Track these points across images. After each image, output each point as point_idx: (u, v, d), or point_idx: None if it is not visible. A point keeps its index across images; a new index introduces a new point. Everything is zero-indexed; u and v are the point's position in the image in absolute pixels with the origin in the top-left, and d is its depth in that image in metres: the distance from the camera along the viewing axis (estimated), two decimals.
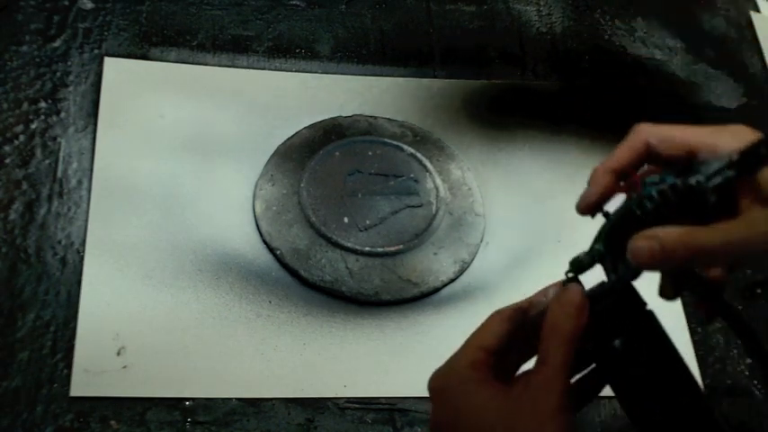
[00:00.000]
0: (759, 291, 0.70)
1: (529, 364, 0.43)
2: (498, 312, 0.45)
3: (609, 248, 0.44)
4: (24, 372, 0.54)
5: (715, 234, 0.40)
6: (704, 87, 0.82)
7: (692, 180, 0.41)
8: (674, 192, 0.42)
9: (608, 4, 0.86)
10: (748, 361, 0.66)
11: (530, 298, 0.45)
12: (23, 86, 0.65)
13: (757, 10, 0.90)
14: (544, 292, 0.45)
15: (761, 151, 0.40)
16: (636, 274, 0.44)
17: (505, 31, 0.81)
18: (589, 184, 0.45)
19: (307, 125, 0.69)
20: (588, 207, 0.45)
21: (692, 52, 0.85)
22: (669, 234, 0.41)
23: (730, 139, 0.42)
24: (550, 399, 0.40)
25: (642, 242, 0.41)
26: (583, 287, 0.43)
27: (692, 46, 0.85)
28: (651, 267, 0.42)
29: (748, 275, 0.71)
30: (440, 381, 0.44)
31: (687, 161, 0.43)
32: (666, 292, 0.46)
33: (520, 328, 0.44)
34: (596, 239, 0.45)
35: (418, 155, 0.69)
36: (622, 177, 0.44)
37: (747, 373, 0.66)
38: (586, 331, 0.43)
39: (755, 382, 0.65)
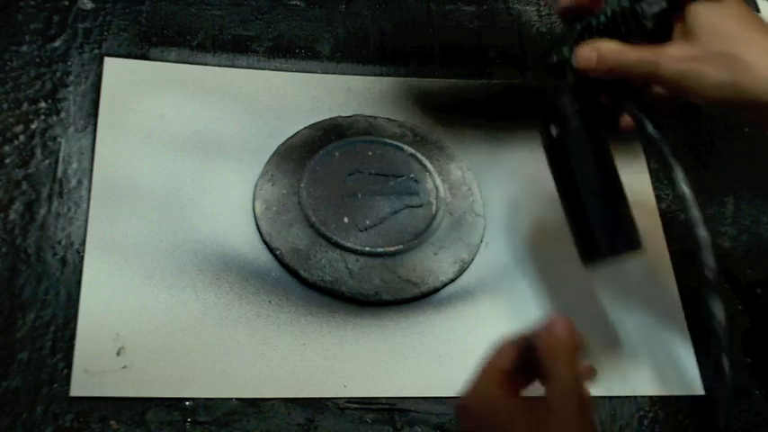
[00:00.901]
0: (759, 291, 0.70)
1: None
2: (507, 343, 0.49)
3: (572, 53, 0.53)
4: (24, 372, 0.54)
5: (636, 53, 0.49)
6: None
7: (637, 6, 0.49)
8: (623, 14, 0.50)
9: None
10: (748, 361, 0.66)
11: (531, 332, 0.48)
12: (23, 86, 0.65)
13: (757, 10, 0.90)
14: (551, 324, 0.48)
15: None
16: (583, 79, 0.52)
17: (505, 31, 0.80)
18: None
19: (307, 125, 0.69)
20: (565, 10, 0.54)
21: None
22: (606, 45, 0.50)
23: None
24: (570, 406, 0.44)
25: (585, 48, 0.51)
26: (568, 319, 0.47)
27: None
28: (588, 71, 0.51)
29: (748, 275, 0.71)
30: (470, 401, 0.47)
31: None
32: (604, 99, 0.54)
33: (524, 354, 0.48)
34: (563, 43, 0.54)
35: (418, 155, 0.69)
36: None
37: (747, 373, 0.66)
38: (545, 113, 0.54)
39: (755, 382, 0.65)
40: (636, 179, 0.73)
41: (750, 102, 0.47)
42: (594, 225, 0.53)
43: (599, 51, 0.50)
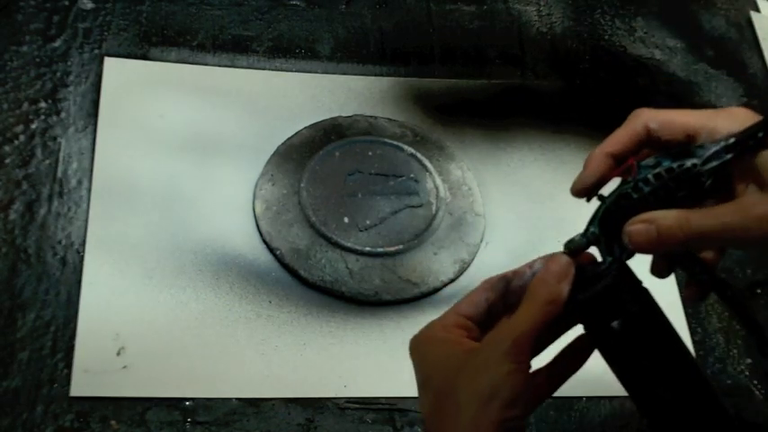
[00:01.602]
0: (759, 291, 0.70)
1: None
2: (486, 281, 0.45)
3: (604, 231, 0.45)
4: (24, 372, 0.54)
5: (710, 218, 0.41)
6: (704, 87, 0.82)
7: (688, 163, 0.42)
8: (670, 175, 0.42)
9: (608, 4, 0.86)
10: (748, 361, 0.66)
11: (516, 269, 0.46)
12: (23, 86, 0.65)
13: (757, 10, 0.90)
14: (530, 264, 0.45)
15: (758, 134, 0.40)
16: (630, 256, 0.44)
17: (505, 31, 0.81)
18: (585, 166, 0.45)
19: (307, 125, 0.69)
20: (583, 189, 0.46)
21: (691, 52, 0.85)
22: (665, 217, 0.41)
23: (729, 121, 0.41)
24: (499, 350, 0.40)
25: (639, 226, 0.42)
26: (571, 258, 0.43)
27: (692, 46, 0.85)
28: (648, 250, 0.43)
29: (748, 275, 0.71)
30: (414, 341, 0.45)
31: (686, 145, 0.42)
32: (659, 270, 0.47)
33: (502, 296, 0.45)
34: (591, 222, 0.45)
35: (418, 155, 0.69)
36: (619, 162, 0.44)
37: (747, 373, 0.66)
38: (585, 313, 0.44)
39: (755, 382, 0.65)
40: None
41: None
42: (680, 417, 0.45)
43: (658, 225, 0.42)
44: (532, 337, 0.41)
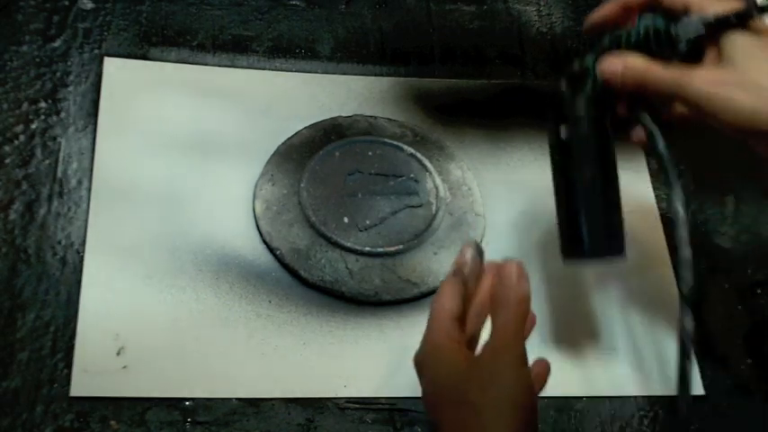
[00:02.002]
0: (759, 291, 0.70)
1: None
2: (448, 282, 0.49)
3: (596, 64, 0.53)
4: (24, 372, 0.54)
5: (666, 71, 0.50)
6: None
7: (673, 29, 0.50)
8: (656, 34, 0.51)
9: None
10: (748, 361, 0.66)
11: (454, 263, 0.50)
12: (23, 86, 0.65)
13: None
14: (462, 253, 0.50)
15: (731, 19, 0.48)
16: (599, 87, 0.54)
17: (505, 31, 0.81)
18: (599, 8, 0.54)
19: (307, 125, 0.69)
20: (593, 26, 0.55)
21: None
22: (634, 59, 0.51)
23: (722, 6, 0.49)
24: (509, 358, 0.45)
25: (612, 59, 0.52)
26: (520, 266, 0.49)
27: None
28: (612, 82, 0.52)
29: (748, 275, 0.71)
30: (420, 356, 0.48)
31: (681, 13, 0.50)
32: (622, 113, 0.55)
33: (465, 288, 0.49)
34: (589, 54, 0.55)
35: (418, 155, 0.69)
36: (626, 13, 0.54)
37: (747, 373, 0.66)
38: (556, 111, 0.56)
39: (756, 382, 0.65)
40: (636, 179, 0.73)
41: None
42: (584, 225, 0.55)
43: (626, 63, 0.51)
44: (521, 339, 0.47)
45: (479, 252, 0.50)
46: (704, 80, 0.49)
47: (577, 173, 0.55)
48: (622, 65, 0.52)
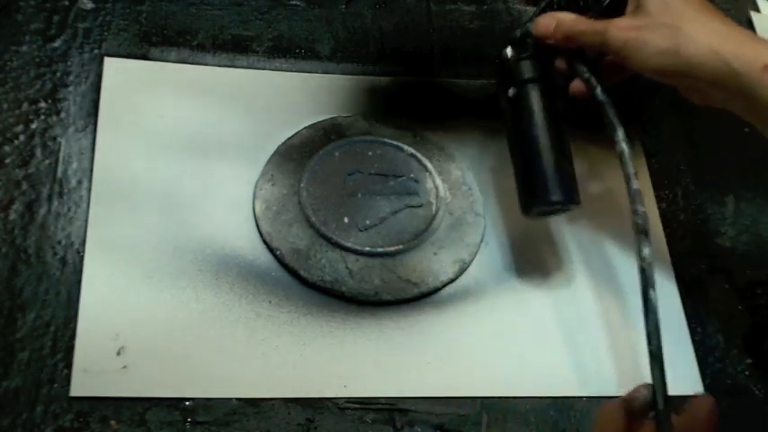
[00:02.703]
0: (759, 291, 0.70)
1: None
2: (607, 411, 0.51)
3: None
4: (24, 372, 0.54)
5: (590, 24, 0.57)
6: None
7: None
8: None
9: None
10: (748, 361, 0.66)
11: (629, 394, 0.51)
12: (23, 86, 0.65)
13: (757, 10, 0.90)
14: (641, 387, 0.52)
15: None
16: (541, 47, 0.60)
17: (505, 31, 0.80)
18: None
19: (307, 125, 0.69)
20: None
21: None
22: (565, 17, 0.58)
23: None
24: None
25: (545, 18, 0.59)
26: (714, 399, 0.50)
27: None
28: (545, 38, 0.59)
29: (748, 275, 0.71)
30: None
31: None
32: (561, 70, 0.61)
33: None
34: (529, 20, 0.62)
35: (418, 155, 0.69)
36: None
37: (747, 373, 0.66)
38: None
39: (755, 382, 0.65)
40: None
41: (688, 70, 0.53)
42: (538, 176, 0.60)
43: (557, 20, 0.58)
44: None
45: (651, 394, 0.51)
46: (621, 27, 0.55)
47: (528, 130, 0.60)
48: (554, 21, 0.58)
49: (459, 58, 0.77)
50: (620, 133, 0.56)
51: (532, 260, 0.67)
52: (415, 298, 0.63)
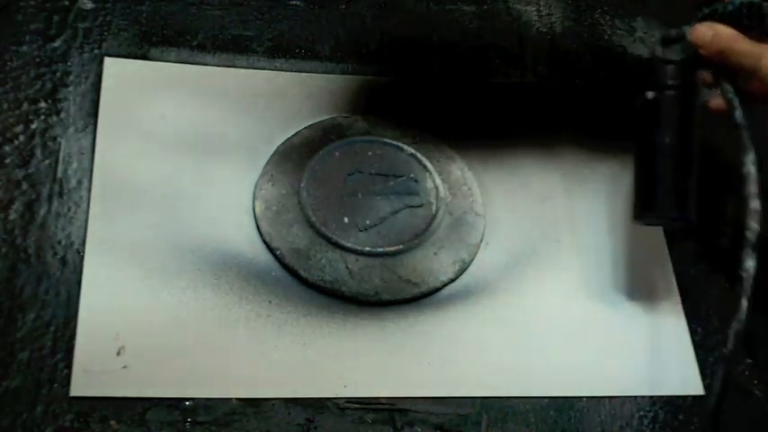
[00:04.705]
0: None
1: None
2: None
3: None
4: (24, 372, 0.54)
5: (749, 44, 0.55)
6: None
7: (765, 6, 0.55)
8: (749, 8, 0.56)
9: (608, 4, 0.86)
10: (748, 361, 0.66)
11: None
12: (23, 86, 0.65)
13: None
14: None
15: None
16: (688, 52, 0.59)
17: (505, 31, 0.80)
18: None
19: (307, 125, 0.69)
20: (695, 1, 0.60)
21: None
22: (723, 29, 0.56)
23: None
24: None
25: (703, 27, 0.58)
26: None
27: None
28: (700, 45, 0.57)
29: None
30: None
31: None
32: (706, 77, 0.59)
33: None
34: (687, 24, 0.60)
35: (418, 155, 0.69)
36: None
37: (747, 373, 0.66)
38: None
39: (755, 382, 0.65)
40: None
41: None
42: (659, 186, 0.59)
43: (715, 31, 0.57)
44: None
45: None
46: None
47: (659, 136, 0.59)
48: (712, 32, 0.56)
49: (459, 58, 0.77)
50: (751, 156, 0.56)
51: (532, 260, 0.67)
52: (415, 298, 0.63)
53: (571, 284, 0.66)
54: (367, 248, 0.63)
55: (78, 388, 0.54)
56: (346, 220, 0.64)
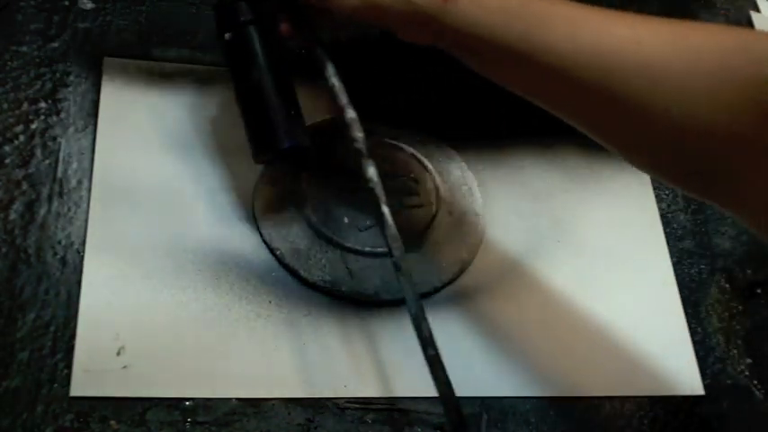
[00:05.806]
0: (759, 291, 0.70)
1: None
2: None
3: None
4: (24, 372, 0.54)
5: None
6: None
7: None
8: None
9: (608, 4, 0.86)
10: (748, 361, 0.66)
11: None
12: (23, 86, 0.65)
13: (757, 10, 0.90)
14: None
15: None
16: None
17: None
18: None
19: (307, 125, 0.69)
20: None
21: None
22: None
23: None
24: None
25: None
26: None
27: None
28: None
29: (748, 275, 0.71)
30: None
31: None
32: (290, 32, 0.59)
33: None
34: None
35: (418, 155, 0.69)
36: None
37: (747, 373, 0.66)
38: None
39: (755, 382, 0.65)
40: (636, 180, 0.73)
41: (381, 14, 0.55)
42: (265, 120, 0.59)
43: None
44: None
45: None
46: None
47: (251, 74, 0.59)
48: None
49: (458, 58, 0.77)
50: (331, 70, 0.58)
51: (532, 260, 0.67)
52: None
53: (571, 284, 0.66)
54: (367, 248, 0.63)
55: (78, 388, 0.54)
56: (346, 220, 0.64)
